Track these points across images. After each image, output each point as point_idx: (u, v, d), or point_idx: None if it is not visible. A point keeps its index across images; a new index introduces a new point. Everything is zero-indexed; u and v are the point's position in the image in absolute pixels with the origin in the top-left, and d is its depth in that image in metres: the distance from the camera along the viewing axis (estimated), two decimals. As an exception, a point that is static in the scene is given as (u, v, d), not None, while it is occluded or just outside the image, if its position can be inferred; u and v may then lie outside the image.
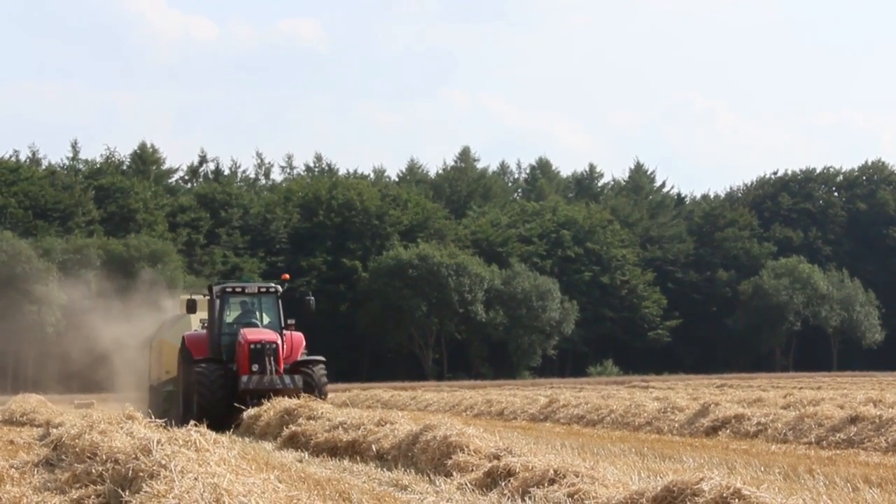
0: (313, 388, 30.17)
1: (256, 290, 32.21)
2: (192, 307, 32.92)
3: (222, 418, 28.80)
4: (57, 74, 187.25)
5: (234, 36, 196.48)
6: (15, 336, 71.73)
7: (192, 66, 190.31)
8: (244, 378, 29.77)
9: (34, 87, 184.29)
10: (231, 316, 31.99)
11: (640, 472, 15.54)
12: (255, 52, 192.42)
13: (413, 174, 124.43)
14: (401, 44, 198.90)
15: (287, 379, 29.96)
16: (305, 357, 31.82)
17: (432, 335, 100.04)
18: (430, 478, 15.34)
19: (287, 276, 33.48)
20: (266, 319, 32.14)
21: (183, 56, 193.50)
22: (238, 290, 32.15)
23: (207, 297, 32.69)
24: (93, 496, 13.14)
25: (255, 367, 29.86)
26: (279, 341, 30.56)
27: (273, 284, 32.53)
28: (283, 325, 31.72)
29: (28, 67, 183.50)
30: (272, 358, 30.05)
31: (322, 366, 31.53)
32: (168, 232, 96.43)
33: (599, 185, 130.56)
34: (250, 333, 30.55)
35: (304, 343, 32.00)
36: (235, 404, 29.11)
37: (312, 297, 33.51)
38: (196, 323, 34.56)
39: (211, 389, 29.98)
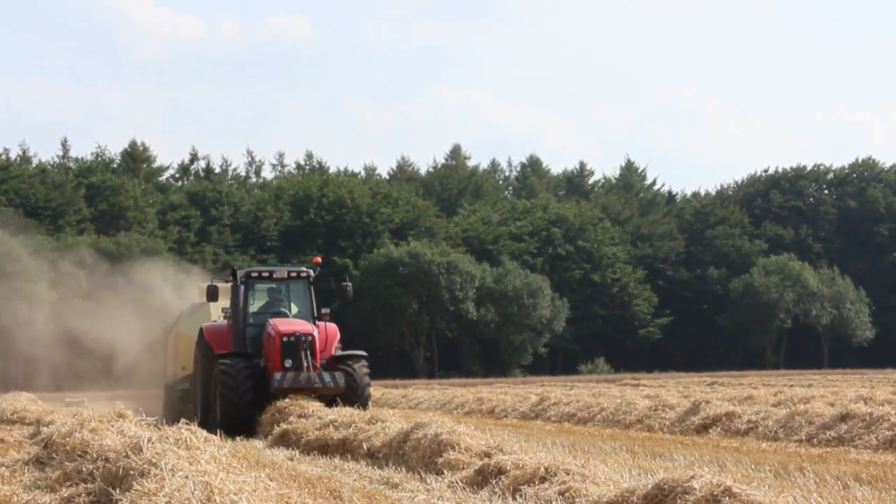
0: (355, 389, 27.16)
1: (285, 275, 28.70)
2: (213, 294, 29.10)
3: (249, 421, 25.99)
4: (45, 72, 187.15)
5: (223, 33, 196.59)
6: (4, 334, 71.54)
7: (181, 63, 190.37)
8: (277, 376, 26.23)
9: (23, 85, 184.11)
10: (256, 304, 28.81)
11: (631, 469, 15.56)
12: (244, 49, 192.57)
13: (404, 172, 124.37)
14: (390, 41, 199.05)
15: (327, 377, 26.57)
16: (341, 352, 28.58)
17: (423, 333, 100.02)
18: (420, 476, 15.34)
19: (319, 258, 30.57)
20: (295, 309, 28.92)
21: (172, 54, 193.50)
22: (265, 275, 28.68)
23: (230, 284, 29.47)
24: (83, 494, 13.13)
25: (287, 363, 26.51)
26: (315, 333, 27.22)
27: (304, 268, 29.07)
28: (315, 314, 28.53)
29: (16, 65, 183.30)
30: (308, 352, 26.67)
31: (364, 362, 28.09)
32: (158, 230, 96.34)
33: (590, 182, 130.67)
34: (282, 324, 27.30)
35: (338, 336, 28.75)
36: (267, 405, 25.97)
37: (350, 283, 30.38)
38: (216, 313, 31.54)
39: (237, 388, 26.51)
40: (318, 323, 28.13)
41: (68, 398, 49.98)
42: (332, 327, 28.52)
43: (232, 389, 26.47)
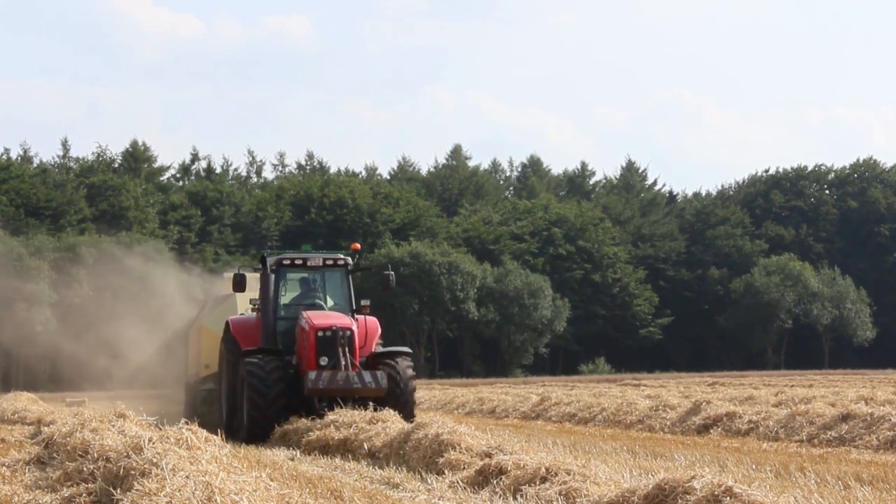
0: (398, 389, 24.32)
1: (321, 263, 26.01)
2: (240, 284, 26.08)
3: (279, 425, 23.55)
4: (45, 72, 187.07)
5: (222, 33, 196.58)
6: (5, 335, 71.58)
7: (180, 63, 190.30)
8: (312, 375, 23.50)
9: (23, 85, 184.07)
10: (288, 296, 26.23)
11: (632, 470, 15.55)
12: (244, 49, 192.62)
13: (404, 172, 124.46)
14: (389, 41, 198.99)
15: (367, 376, 23.65)
16: (382, 348, 25.89)
17: (424, 333, 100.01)
18: (421, 476, 15.33)
19: (358, 245, 28.05)
20: (330, 301, 26.33)
21: (171, 53, 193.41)
22: (298, 262, 25.98)
23: (260, 272, 26.67)
24: (84, 494, 13.12)
25: (323, 361, 23.88)
26: (354, 327, 24.52)
27: (341, 256, 26.39)
28: (354, 306, 25.90)
29: (16, 65, 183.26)
30: (347, 349, 24.01)
31: (408, 359, 25.28)
32: (159, 229, 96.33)
33: (591, 183, 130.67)
34: (316, 317, 24.57)
35: (379, 331, 26.00)
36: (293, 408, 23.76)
37: (392, 273, 27.55)
38: (243, 305, 28.89)
39: (266, 389, 23.91)
40: (356, 316, 25.44)
41: (69, 398, 50.00)
42: (373, 321, 25.78)
43: (260, 390, 23.95)
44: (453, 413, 35.83)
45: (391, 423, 19.98)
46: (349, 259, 26.34)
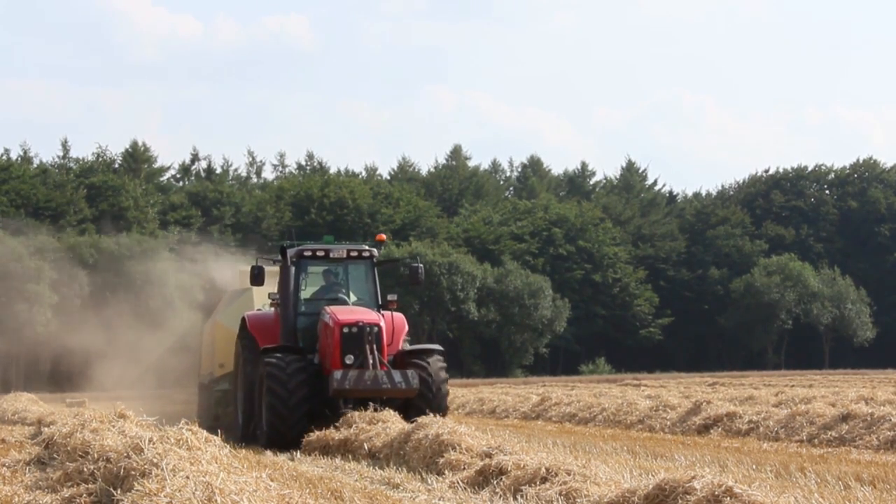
0: (430, 390, 23.10)
1: (345, 255, 24.42)
2: (257, 278, 24.57)
3: (300, 429, 21.94)
4: (45, 72, 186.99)
5: (220, 33, 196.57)
6: (5, 335, 71.57)
7: (179, 63, 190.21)
8: (337, 374, 22.01)
9: (23, 85, 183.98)
10: (309, 290, 24.75)
11: (632, 470, 15.55)
12: (243, 49, 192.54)
13: (404, 172, 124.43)
14: (389, 41, 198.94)
15: (397, 376, 22.24)
16: (410, 346, 24.65)
17: (424, 334, 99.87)
18: (422, 476, 15.34)
19: (383, 236, 26.76)
20: (354, 296, 24.89)
21: (170, 53, 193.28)
22: (320, 254, 24.36)
23: (279, 265, 25.33)
24: (84, 495, 13.12)
25: (349, 360, 22.46)
26: (381, 323, 23.09)
27: (366, 247, 24.85)
28: (380, 301, 24.69)
29: (16, 65, 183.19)
30: (374, 346, 22.62)
31: (439, 357, 24.10)
32: (159, 230, 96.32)
33: (591, 183, 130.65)
34: (341, 313, 23.11)
35: (406, 328, 24.81)
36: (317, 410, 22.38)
37: (421, 265, 26.35)
38: (261, 299, 27.32)
39: (288, 390, 22.25)
40: (383, 312, 24.11)
41: (69, 398, 49.97)
42: (399, 317, 24.50)
43: (281, 392, 22.29)
44: (453, 413, 35.80)
45: (391, 423, 19.98)
46: (374, 251, 24.89)
